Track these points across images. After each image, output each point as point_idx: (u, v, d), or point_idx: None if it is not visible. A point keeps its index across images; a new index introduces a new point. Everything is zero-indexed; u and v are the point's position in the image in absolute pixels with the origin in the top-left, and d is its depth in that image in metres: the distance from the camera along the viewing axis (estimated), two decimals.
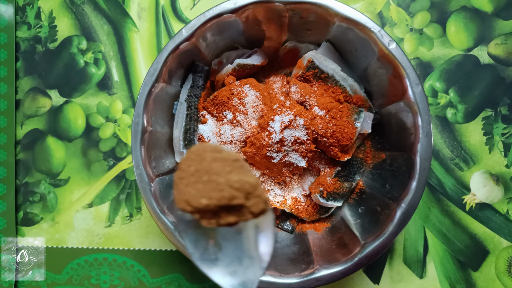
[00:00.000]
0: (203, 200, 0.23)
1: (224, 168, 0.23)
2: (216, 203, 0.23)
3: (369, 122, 0.40)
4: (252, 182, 0.23)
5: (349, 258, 0.36)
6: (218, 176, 0.23)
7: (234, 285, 0.25)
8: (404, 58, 0.36)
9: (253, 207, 0.23)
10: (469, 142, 0.45)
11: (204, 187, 0.23)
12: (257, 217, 0.24)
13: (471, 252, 0.44)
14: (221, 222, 0.23)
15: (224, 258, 0.26)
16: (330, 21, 0.38)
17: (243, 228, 0.25)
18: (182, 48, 0.38)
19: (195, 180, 0.23)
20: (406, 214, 0.36)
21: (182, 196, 0.23)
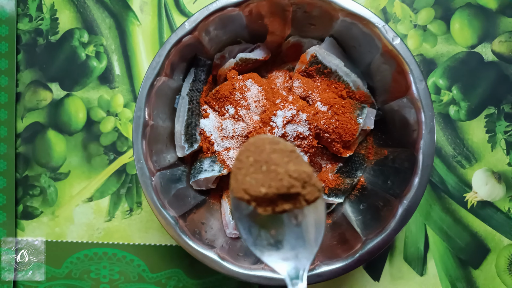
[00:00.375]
0: (262, 189, 0.24)
1: (283, 158, 0.25)
2: (275, 191, 0.24)
3: (372, 118, 0.40)
4: (308, 171, 0.25)
5: (350, 254, 0.36)
6: (277, 166, 0.24)
7: (287, 269, 0.27)
8: (408, 54, 0.36)
9: (308, 195, 0.25)
10: (471, 139, 0.45)
11: (263, 176, 0.24)
12: (310, 204, 0.25)
13: (472, 250, 0.44)
14: (277, 209, 0.25)
15: (276, 243, 0.27)
16: (334, 16, 0.38)
17: (297, 215, 0.26)
18: (185, 41, 0.38)
19: (254, 171, 0.24)
20: (408, 211, 0.35)
21: (240, 185, 0.25)
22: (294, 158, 0.25)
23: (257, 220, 0.27)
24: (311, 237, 0.27)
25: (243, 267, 0.37)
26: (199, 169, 0.41)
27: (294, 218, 0.26)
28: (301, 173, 0.24)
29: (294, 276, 0.27)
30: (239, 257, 0.38)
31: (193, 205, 0.41)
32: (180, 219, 0.38)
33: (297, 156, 0.25)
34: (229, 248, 0.40)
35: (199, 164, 0.41)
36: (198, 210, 0.42)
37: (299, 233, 0.27)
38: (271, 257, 0.27)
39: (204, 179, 0.41)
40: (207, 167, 0.40)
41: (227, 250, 0.39)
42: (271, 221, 0.26)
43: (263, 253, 0.27)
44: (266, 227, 0.27)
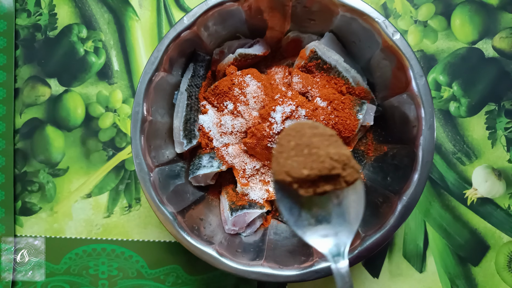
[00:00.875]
0: (304, 170, 0.25)
1: (323, 142, 0.26)
2: (317, 173, 0.25)
3: (371, 114, 0.39)
4: (347, 154, 0.26)
5: (349, 250, 0.36)
6: (318, 149, 0.26)
7: (328, 247, 0.28)
8: (408, 49, 0.35)
9: (348, 176, 0.26)
10: (471, 136, 0.45)
11: (305, 159, 0.26)
12: (350, 185, 0.27)
13: (471, 247, 0.44)
14: (318, 190, 0.26)
15: (317, 223, 0.29)
16: (334, 11, 0.37)
17: (338, 195, 0.28)
18: (184, 36, 0.37)
19: (296, 154, 0.26)
20: (407, 207, 0.35)
21: (282, 168, 0.26)
22: (333, 141, 0.26)
23: (298, 201, 0.28)
24: (351, 216, 0.29)
25: (241, 263, 0.37)
26: (198, 165, 0.40)
27: (335, 198, 0.28)
28: (341, 155, 0.26)
29: (336, 253, 0.28)
30: (237, 253, 0.38)
31: (191, 201, 0.41)
32: (178, 215, 0.38)
33: (337, 139, 0.27)
34: (228, 244, 0.39)
35: (198, 160, 0.41)
36: (196, 206, 0.42)
37: (339, 213, 0.29)
38: (313, 236, 0.29)
39: (203, 175, 0.41)
40: (206, 163, 0.40)
41: (225, 246, 0.39)
42: (312, 201, 0.28)
43: (305, 232, 0.29)
44: (307, 207, 0.29)
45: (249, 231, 0.41)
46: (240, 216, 0.40)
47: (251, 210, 0.40)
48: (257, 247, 0.40)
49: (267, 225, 0.43)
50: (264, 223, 0.43)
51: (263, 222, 0.43)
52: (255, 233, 0.42)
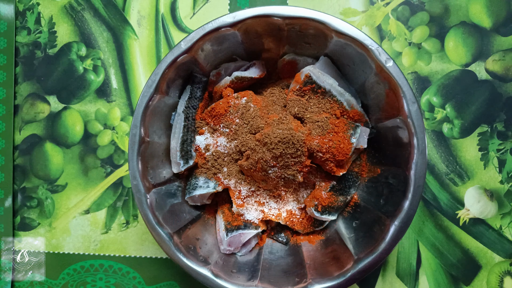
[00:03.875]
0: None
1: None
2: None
3: (365, 137, 0.40)
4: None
5: (341, 273, 0.36)
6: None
7: None
8: (401, 76, 0.36)
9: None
10: (464, 157, 0.45)
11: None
12: None
13: (463, 266, 0.45)
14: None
15: None
16: (328, 36, 0.38)
17: None
18: (181, 60, 0.38)
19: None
20: (399, 231, 0.36)
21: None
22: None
23: None
24: None
25: (236, 284, 0.37)
26: (194, 185, 0.41)
27: None
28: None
29: None
30: (232, 274, 0.39)
31: (188, 220, 0.42)
32: (175, 235, 0.38)
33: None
34: (223, 264, 0.40)
35: (195, 180, 0.41)
36: (193, 225, 0.42)
37: None
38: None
39: (199, 195, 0.41)
40: (202, 183, 0.41)
41: (221, 266, 0.39)
42: None
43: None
44: None
45: (245, 251, 0.42)
46: (236, 236, 0.40)
47: (246, 230, 0.41)
48: (252, 266, 0.41)
49: (262, 244, 0.43)
50: (260, 242, 0.43)
51: (258, 241, 0.43)
52: (250, 252, 0.43)
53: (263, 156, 0.37)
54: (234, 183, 0.41)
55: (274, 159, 0.37)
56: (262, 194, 0.41)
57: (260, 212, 0.41)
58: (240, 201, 0.41)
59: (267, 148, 0.36)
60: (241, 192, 0.41)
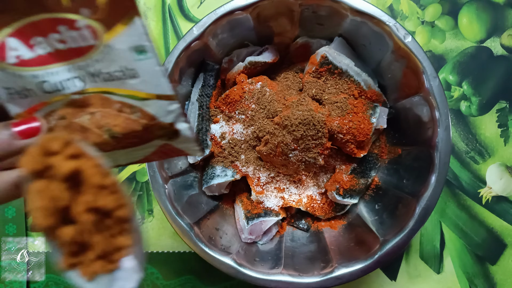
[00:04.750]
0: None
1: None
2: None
3: (385, 117, 0.39)
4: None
5: (369, 255, 0.36)
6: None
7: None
8: (421, 51, 0.35)
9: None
10: (484, 134, 0.45)
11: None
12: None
13: (488, 246, 0.44)
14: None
15: None
16: (343, 15, 0.37)
17: None
18: (193, 47, 0.37)
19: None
20: (426, 210, 0.35)
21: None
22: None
23: None
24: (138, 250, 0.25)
25: (260, 272, 0.36)
26: (212, 175, 0.40)
27: None
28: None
29: None
30: (255, 262, 0.38)
31: (206, 211, 0.41)
32: (194, 226, 0.37)
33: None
34: (245, 253, 0.39)
35: (211, 170, 0.41)
36: (211, 216, 0.41)
37: None
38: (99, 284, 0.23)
39: (217, 185, 0.40)
40: (220, 172, 0.40)
41: (243, 256, 0.38)
42: None
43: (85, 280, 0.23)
44: None
45: (266, 239, 0.41)
46: (257, 224, 0.40)
47: (267, 218, 0.40)
48: (274, 255, 0.40)
49: (282, 232, 0.42)
50: (280, 230, 0.42)
51: (279, 230, 0.42)
52: (271, 240, 0.42)
53: (283, 139, 0.36)
54: (253, 170, 0.40)
55: (295, 141, 0.36)
56: (282, 180, 0.40)
57: (280, 199, 0.40)
58: (260, 188, 0.40)
59: (287, 130, 0.35)
60: (260, 179, 0.40)
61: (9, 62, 0.22)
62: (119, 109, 0.23)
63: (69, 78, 0.23)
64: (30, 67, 0.22)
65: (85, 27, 0.22)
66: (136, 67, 0.22)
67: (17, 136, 0.23)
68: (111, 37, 0.22)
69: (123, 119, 0.23)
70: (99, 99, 0.23)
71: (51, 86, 0.23)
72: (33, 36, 0.22)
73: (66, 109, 0.23)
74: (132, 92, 0.23)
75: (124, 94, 0.23)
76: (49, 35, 0.22)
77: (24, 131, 0.23)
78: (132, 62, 0.22)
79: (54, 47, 0.22)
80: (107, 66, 0.23)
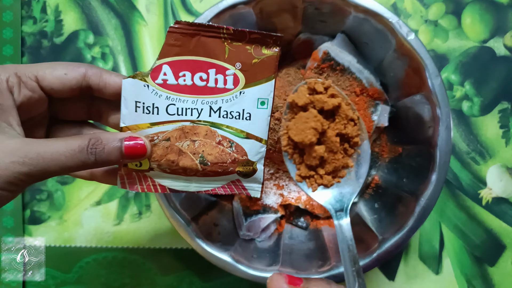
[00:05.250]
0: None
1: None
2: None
3: (386, 115, 0.39)
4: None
5: (367, 253, 0.35)
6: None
7: (331, 203, 0.32)
8: (423, 49, 0.35)
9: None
10: (485, 135, 0.44)
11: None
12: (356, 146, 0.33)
13: (487, 247, 0.44)
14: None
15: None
16: (346, 12, 0.37)
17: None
18: None
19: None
20: (426, 209, 0.35)
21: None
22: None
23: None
24: (354, 175, 0.33)
25: (258, 269, 0.36)
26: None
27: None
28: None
29: (339, 209, 0.32)
30: (253, 259, 0.38)
31: (204, 207, 0.41)
32: (192, 221, 0.37)
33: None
34: (243, 250, 0.39)
35: None
36: (210, 211, 0.41)
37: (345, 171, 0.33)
38: (317, 193, 0.33)
39: None
40: None
41: (240, 252, 0.38)
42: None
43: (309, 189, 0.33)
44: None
45: (264, 236, 0.41)
46: (255, 221, 0.39)
47: (266, 215, 0.40)
48: (272, 252, 0.40)
49: (281, 230, 0.42)
50: (279, 228, 0.42)
51: (277, 227, 0.42)
52: (270, 238, 0.42)
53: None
54: None
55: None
56: (282, 177, 0.40)
57: (279, 196, 0.40)
58: None
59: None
60: None
61: (156, 82, 0.27)
62: (219, 142, 0.28)
63: (191, 108, 0.28)
64: (169, 90, 0.27)
65: (232, 75, 0.28)
66: (253, 112, 0.28)
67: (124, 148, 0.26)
68: (248, 87, 0.28)
69: (218, 150, 0.28)
70: (205, 130, 0.28)
71: (175, 109, 0.28)
72: (183, 71, 0.27)
73: (173, 132, 0.28)
74: (239, 130, 0.28)
75: (230, 130, 0.28)
76: (197, 73, 0.27)
77: (131, 146, 0.26)
78: (252, 108, 0.28)
79: (194, 82, 0.28)
80: (230, 106, 0.28)
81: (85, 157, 0.25)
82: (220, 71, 0.27)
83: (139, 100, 0.27)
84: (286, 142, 0.33)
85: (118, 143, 0.26)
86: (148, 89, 0.27)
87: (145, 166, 0.28)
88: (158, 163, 0.28)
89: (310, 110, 0.31)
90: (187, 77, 0.27)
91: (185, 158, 0.28)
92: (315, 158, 0.31)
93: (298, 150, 0.33)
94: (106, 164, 0.26)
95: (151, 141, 0.28)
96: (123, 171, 0.28)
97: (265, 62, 0.28)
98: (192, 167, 0.28)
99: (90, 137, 0.25)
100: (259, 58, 0.28)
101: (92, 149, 0.25)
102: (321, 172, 0.32)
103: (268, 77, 0.28)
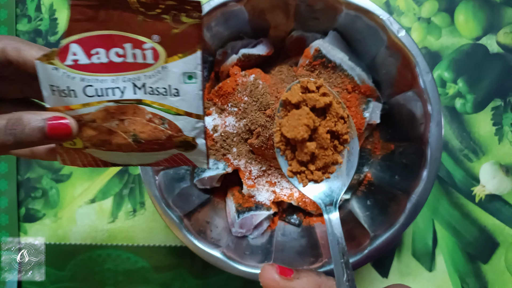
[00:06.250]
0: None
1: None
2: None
3: (378, 113, 0.39)
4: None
5: (358, 250, 0.35)
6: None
7: (321, 197, 0.33)
8: (414, 46, 0.35)
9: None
10: (478, 132, 0.44)
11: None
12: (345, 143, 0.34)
13: (480, 244, 0.44)
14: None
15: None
16: (337, 9, 0.37)
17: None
18: None
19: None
20: (417, 205, 0.35)
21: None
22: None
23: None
24: (344, 171, 0.33)
25: (249, 265, 0.36)
26: (203, 168, 0.40)
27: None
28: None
29: (328, 203, 0.32)
30: (245, 256, 0.38)
31: (197, 204, 0.41)
32: (185, 218, 0.37)
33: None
34: (235, 247, 0.39)
35: None
36: (202, 209, 0.41)
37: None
38: (307, 188, 0.33)
39: (208, 178, 0.40)
40: (211, 165, 0.40)
41: (233, 249, 0.38)
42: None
43: (300, 184, 0.33)
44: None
45: (256, 233, 0.41)
46: (247, 218, 0.39)
47: (258, 212, 0.40)
48: (265, 249, 0.40)
49: (274, 227, 0.42)
50: (271, 225, 0.42)
51: (270, 224, 0.42)
52: (262, 235, 0.42)
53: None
54: (244, 164, 0.40)
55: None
56: (274, 174, 0.40)
57: (271, 193, 0.40)
58: (251, 182, 0.40)
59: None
60: (251, 172, 0.40)
61: (66, 63, 0.24)
62: (149, 119, 0.26)
63: (112, 87, 0.25)
64: (82, 71, 0.25)
65: (150, 49, 0.25)
66: (180, 88, 0.26)
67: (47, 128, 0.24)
68: (170, 61, 0.25)
69: (150, 127, 0.27)
70: (132, 108, 0.26)
71: (93, 91, 0.25)
72: (95, 48, 0.25)
73: (97, 114, 0.26)
74: (168, 107, 0.26)
75: (159, 107, 0.26)
76: (112, 49, 0.25)
77: (55, 126, 0.24)
78: (179, 84, 0.26)
79: (110, 59, 0.25)
80: (154, 83, 0.26)
81: (3, 138, 0.24)
82: (136, 45, 0.25)
83: (52, 84, 0.25)
84: (279, 138, 0.33)
85: (41, 123, 0.24)
86: (58, 72, 0.24)
87: (79, 145, 0.27)
88: (90, 142, 0.26)
89: (302, 107, 0.32)
90: (101, 54, 0.25)
91: (117, 137, 0.26)
92: (307, 154, 0.32)
93: (290, 146, 0.33)
94: (27, 145, 0.25)
95: (79, 121, 0.26)
96: (60, 149, 0.27)
97: (186, 32, 0.25)
98: (126, 144, 0.27)
99: (10, 117, 0.24)
100: (179, 28, 0.25)
101: (11, 130, 0.24)
102: (311, 168, 0.33)
103: (192, 49, 0.25)
